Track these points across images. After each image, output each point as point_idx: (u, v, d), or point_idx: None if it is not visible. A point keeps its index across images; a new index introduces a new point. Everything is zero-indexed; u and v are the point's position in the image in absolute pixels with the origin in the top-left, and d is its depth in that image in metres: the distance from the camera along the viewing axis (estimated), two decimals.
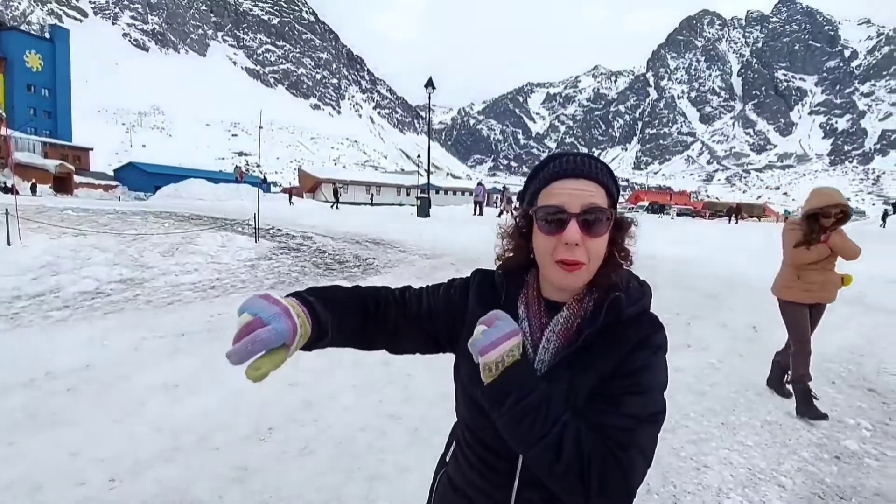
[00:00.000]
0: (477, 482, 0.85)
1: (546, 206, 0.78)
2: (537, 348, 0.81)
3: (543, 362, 0.80)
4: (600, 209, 0.77)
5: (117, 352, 3.96)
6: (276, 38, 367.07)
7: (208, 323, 4.78)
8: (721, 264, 9.46)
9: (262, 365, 0.63)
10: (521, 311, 0.85)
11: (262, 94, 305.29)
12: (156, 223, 10.08)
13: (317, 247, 9.52)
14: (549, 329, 0.81)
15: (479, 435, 0.84)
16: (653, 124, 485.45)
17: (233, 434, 2.73)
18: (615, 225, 0.81)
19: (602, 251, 0.78)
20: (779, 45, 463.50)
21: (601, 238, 0.77)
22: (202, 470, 2.38)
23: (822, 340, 4.79)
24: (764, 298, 6.51)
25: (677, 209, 48.89)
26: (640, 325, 0.80)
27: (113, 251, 7.22)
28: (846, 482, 2.46)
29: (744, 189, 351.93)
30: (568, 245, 0.74)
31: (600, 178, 0.79)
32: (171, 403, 3.09)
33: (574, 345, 0.77)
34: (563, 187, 0.78)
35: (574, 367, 0.77)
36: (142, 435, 2.68)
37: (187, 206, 15.80)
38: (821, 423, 3.11)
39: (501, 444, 0.77)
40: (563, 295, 0.83)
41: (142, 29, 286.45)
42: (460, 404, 0.89)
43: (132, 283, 6.11)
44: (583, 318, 0.80)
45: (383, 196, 49.80)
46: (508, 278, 0.88)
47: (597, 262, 0.78)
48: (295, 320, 0.68)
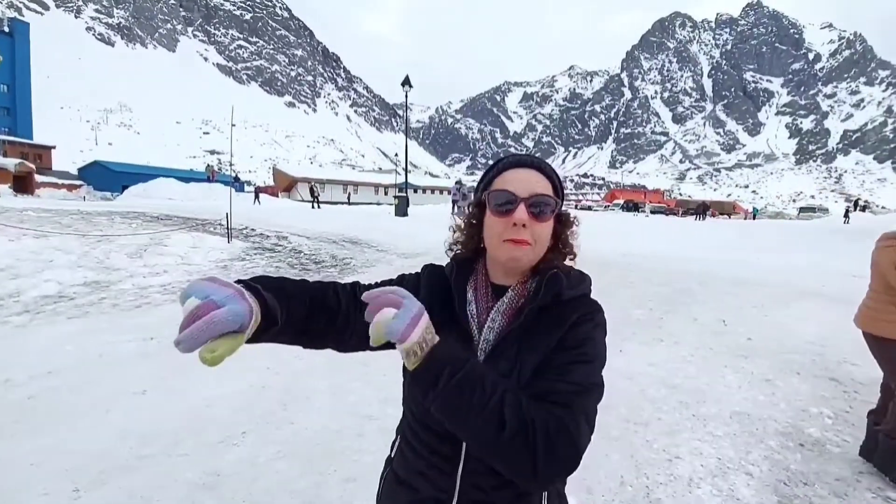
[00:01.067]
0: (423, 469, 0.85)
1: (498, 190, 0.83)
2: (482, 329, 0.84)
3: (488, 342, 0.83)
4: (547, 196, 0.83)
5: (81, 357, 3.81)
6: (249, 34, 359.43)
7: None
8: (692, 260, 9.71)
9: (218, 346, 0.57)
10: (470, 295, 0.88)
11: (235, 92, 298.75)
12: (123, 224, 9.73)
13: (292, 247, 9.36)
14: (495, 310, 0.84)
15: (423, 419, 0.83)
16: (627, 124, 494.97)
17: (203, 439, 2.66)
18: (559, 219, 0.88)
19: (546, 236, 0.84)
20: (747, 48, 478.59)
21: (546, 223, 0.83)
22: (170, 477, 2.31)
23: (786, 332, 4.98)
24: (732, 292, 6.73)
25: (651, 207, 49.94)
26: (580, 305, 0.84)
27: (77, 253, 6.94)
28: (810, 468, 2.55)
29: (714, 187, 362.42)
30: (516, 226, 0.80)
31: (548, 171, 0.87)
32: (138, 409, 2.99)
33: (518, 321, 0.80)
34: (515, 176, 0.84)
35: (518, 345, 0.80)
36: (107, 442, 2.58)
37: (157, 207, 15.33)
38: (786, 412, 3.22)
39: (445, 427, 0.74)
40: (509, 279, 0.87)
41: (107, 23, 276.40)
42: (406, 394, 0.89)
43: (97, 286, 5.88)
44: (526, 298, 0.84)
45: (361, 195, 49.37)
46: (458, 266, 0.91)
47: (541, 247, 0.84)
48: (250, 302, 0.63)
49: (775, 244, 14.24)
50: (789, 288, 7.05)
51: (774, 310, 5.87)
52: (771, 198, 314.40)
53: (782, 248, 13.09)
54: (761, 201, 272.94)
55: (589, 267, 0.94)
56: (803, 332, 4.95)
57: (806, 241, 15.82)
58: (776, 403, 3.34)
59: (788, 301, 6.27)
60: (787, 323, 5.33)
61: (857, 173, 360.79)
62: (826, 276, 8.20)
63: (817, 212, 50.95)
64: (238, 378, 3.47)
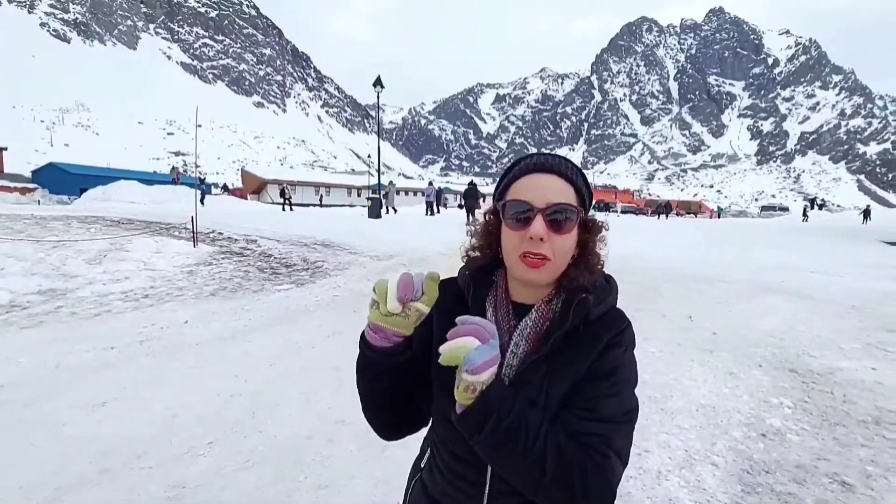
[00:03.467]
0: (449, 492, 0.84)
1: (513, 200, 0.78)
2: (505, 353, 0.79)
3: (511, 367, 0.79)
4: (567, 206, 0.76)
5: (36, 369, 3.63)
6: (215, 31, 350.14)
7: (140, 334, 4.47)
8: (660, 258, 9.99)
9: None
10: (490, 314, 0.83)
11: (201, 91, 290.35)
12: (80, 228, 9.30)
13: (262, 250, 9.15)
14: (518, 333, 0.80)
15: (450, 446, 0.82)
16: (598, 125, 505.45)
17: (168, 451, 2.56)
18: (584, 227, 0.81)
19: (568, 249, 0.78)
20: (710, 52, 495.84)
21: (567, 236, 0.77)
22: (133, 492, 2.22)
23: (748, 327, 5.16)
24: (698, 289, 6.94)
25: (622, 207, 51.14)
26: (608, 324, 0.80)
27: (30, 260, 6.59)
28: (771, 457, 2.65)
29: (682, 187, 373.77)
30: (533, 240, 0.74)
31: (570, 175, 0.79)
32: (97, 422, 2.86)
33: (543, 349, 0.76)
34: (532, 182, 0.78)
35: (544, 372, 0.76)
36: (64, 458, 2.46)
37: (118, 210, 14.72)
38: (749, 403, 3.34)
39: (472, 455, 0.75)
40: (532, 297, 0.82)
41: (62, 18, 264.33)
42: (433, 418, 0.88)
43: (53, 294, 5.61)
44: (551, 322, 0.79)
45: (333, 197, 48.69)
46: (475, 279, 0.85)
47: (562, 260, 0.78)
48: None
49: (739, 241, 14.81)
50: (751, 284, 7.32)
51: (737, 305, 6.09)
52: (734, 197, 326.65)
53: (745, 246, 13.62)
54: (725, 200, 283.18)
55: None
56: (764, 326, 5.15)
57: (767, 238, 16.50)
58: (739, 395, 3.46)
59: (751, 296, 6.51)
60: (750, 317, 5.53)
61: (814, 173, 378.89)
62: (785, 272, 8.56)
63: (778, 210, 53.28)
64: (204, 387, 3.37)
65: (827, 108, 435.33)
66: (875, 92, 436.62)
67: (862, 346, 4.50)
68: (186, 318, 5.06)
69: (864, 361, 4.11)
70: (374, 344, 0.78)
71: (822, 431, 2.93)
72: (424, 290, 0.75)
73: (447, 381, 0.75)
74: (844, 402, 3.35)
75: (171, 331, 4.64)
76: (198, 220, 8.92)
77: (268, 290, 6.45)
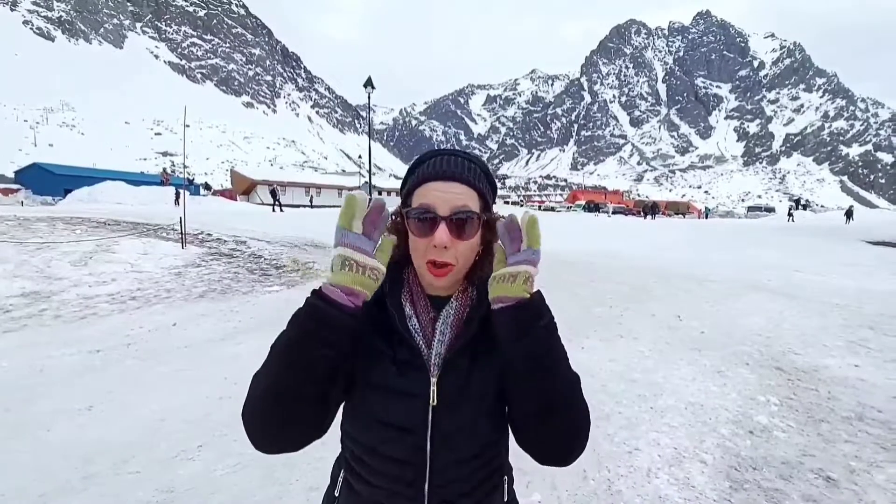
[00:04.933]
0: (382, 499, 0.80)
1: (417, 207, 0.79)
2: (431, 343, 0.80)
3: (440, 355, 0.79)
4: (469, 212, 0.77)
5: (19, 373, 3.56)
6: (203, 31, 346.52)
7: (127, 337, 4.41)
8: (649, 258, 10.08)
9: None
10: (408, 309, 0.83)
11: (189, 91, 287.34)
12: (65, 230, 9.14)
13: (251, 252, 9.07)
14: (441, 321, 0.81)
15: (381, 450, 0.78)
16: (588, 126, 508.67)
17: (156, 455, 2.53)
18: (487, 227, 0.82)
19: (471, 252, 0.80)
20: (697, 55, 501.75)
21: (471, 241, 0.79)
22: (119, 497, 2.18)
23: (735, 325, 5.23)
24: (686, 288, 7.02)
25: (613, 207, 51.55)
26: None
27: (13, 262, 6.47)
28: (758, 454, 2.69)
29: (670, 188, 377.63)
30: (437, 247, 0.76)
31: (471, 181, 0.80)
32: (82, 426, 2.81)
33: (470, 332, 0.79)
34: (434, 189, 0.78)
35: (469, 357, 0.79)
36: (48, 463, 2.42)
37: (104, 211, 14.51)
38: (736, 401, 3.39)
39: (410, 451, 0.76)
40: (445, 290, 0.84)
41: (46, 16, 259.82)
42: (357, 426, 0.81)
43: (37, 297, 5.51)
44: (470, 307, 0.83)
45: (324, 198, 48.41)
46: (389, 277, 0.81)
47: (466, 263, 0.81)
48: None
49: (726, 241, 14.99)
50: (738, 283, 7.42)
51: (725, 304, 6.17)
52: (721, 198, 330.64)
53: (732, 246, 13.80)
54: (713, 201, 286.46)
55: (552, 266, 0.94)
56: (751, 325, 5.23)
57: (753, 238, 16.72)
58: (727, 393, 3.50)
59: (737, 295, 6.60)
60: (737, 316, 5.61)
61: (799, 174, 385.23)
62: (771, 271, 8.69)
63: (764, 211, 54.09)
64: (193, 390, 3.33)
65: (811, 110, 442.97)
66: (857, 94, 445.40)
67: (845, 344, 4.59)
68: (174, 320, 5.00)
69: (847, 358, 4.19)
70: (342, 302, 0.71)
71: (807, 428, 2.98)
72: (382, 247, 0.76)
73: (380, 381, 0.77)
74: (829, 398, 3.41)
75: (159, 333, 4.58)
76: (186, 222, 8.82)
77: (258, 291, 6.40)
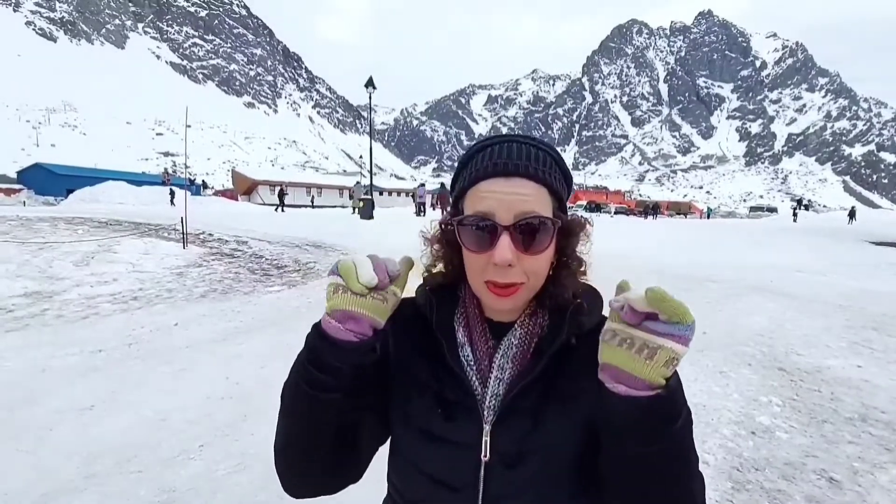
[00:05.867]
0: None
1: (470, 215, 0.62)
2: (486, 381, 0.65)
3: (498, 396, 0.64)
4: (540, 218, 0.60)
5: (21, 373, 3.56)
6: (205, 31, 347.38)
7: (129, 337, 4.41)
8: (650, 258, 10.07)
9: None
10: (461, 336, 0.68)
11: (190, 91, 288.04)
12: (67, 230, 9.16)
13: (253, 252, 9.08)
14: (501, 354, 0.65)
15: (441, 477, 0.65)
16: (589, 127, 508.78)
17: (157, 455, 2.53)
18: (564, 231, 0.65)
19: (544, 268, 0.64)
20: (699, 55, 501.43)
21: (543, 255, 0.62)
22: (122, 496, 2.18)
23: (737, 326, 5.22)
24: (688, 288, 7.00)
25: (616, 208, 51.68)
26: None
27: (15, 262, 6.48)
28: (760, 454, 2.68)
29: (672, 188, 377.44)
30: (499, 265, 0.59)
31: (541, 175, 0.62)
32: (85, 426, 2.81)
33: (534, 371, 0.62)
34: (492, 189, 0.61)
35: (536, 398, 0.63)
36: (51, 462, 2.42)
37: (105, 212, 14.55)
38: (738, 401, 3.38)
39: (463, 479, 0.63)
40: (508, 314, 0.68)
41: (48, 17, 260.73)
42: (398, 474, 0.71)
43: (39, 297, 5.52)
44: (540, 337, 0.66)
45: (325, 198, 48.49)
46: (437, 295, 0.70)
47: (538, 280, 0.64)
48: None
49: (727, 241, 14.97)
50: (740, 283, 7.40)
51: (727, 304, 6.15)
52: (723, 198, 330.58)
53: (733, 246, 13.78)
54: (714, 201, 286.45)
55: None
56: (753, 325, 5.21)
57: (755, 238, 16.69)
58: (729, 394, 3.49)
59: (739, 296, 6.59)
60: (739, 317, 5.59)
61: (801, 174, 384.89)
62: (773, 272, 8.67)
63: (766, 211, 54.18)
64: (195, 389, 3.33)
65: (813, 109, 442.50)
66: (860, 94, 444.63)
67: (848, 345, 4.57)
68: (176, 320, 5.00)
69: (850, 359, 4.18)
70: (338, 337, 0.59)
71: (810, 429, 2.97)
72: (400, 271, 0.63)
73: (422, 424, 0.65)
74: (832, 399, 3.39)
75: (161, 333, 4.59)
76: (187, 222, 8.83)
77: (259, 291, 6.40)
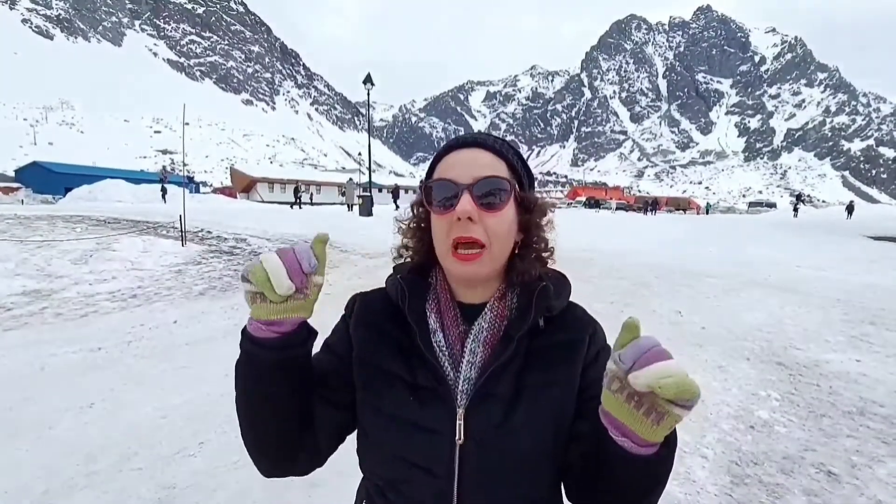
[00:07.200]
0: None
1: (436, 180, 0.67)
2: (459, 364, 0.66)
3: (470, 380, 0.65)
4: (496, 178, 0.65)
5: (20, 371, 3.56)
6: (202, 28, 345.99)
7: (128, 335, 4.41)
8: (649, 254, 10.07)
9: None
10: (433, 322, 0.69)
11: (188, 88, 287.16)
12: (66, 228, 9.15)
13: (251, 249, 9.07)
14: (472, 339, 0.67)
15: (405, 489, 0.67)
16: (588, 123, 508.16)
17: (157, 452, 2.53)
18: (524, 206, 0.70)
19: (506, 232, 0.67)
20: (698, 50, 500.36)
21: (500, 213, 0.65)
22: (122, 494, 2.19)
23: (736, 321, 5.23)
24: (687, 284, 7.01)
25: (616, 204, 51.73)
26: (578, 320, 0.71)
27: (14, 260, 6.47)
28: (759, 448, 2.69)
29: (671, 184, 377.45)
30: (461, 221, 0.63)
31: (498, 148, 0.69)
32: (84, 424, 2.81)
33: (505, 354, 0.64)
34: (456, 159, 0.67)
35: (511, 381, 0.65)
36: (51, 460, 2.42)
37: (104, 210, 14.52)
38: (737, 396, 3.38)
39: (433, 498, 0.64)
40: (479, 296, 0.70)
41: (45, 14, 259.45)
42: (373, 459, 0.71)
43: (38, 295, 5.51)
44: (509, 321, 0.68)
45: (324, 195, 48.42)
46: (408, 283, 0.71)
47: (501, 246, 0.67)
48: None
49: (726, 237, 14.98)
50: (739, 278, 7.41)
51: (726, 299, 6.16)
52: (722, 193, 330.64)
53: (732, 241, 13.79)
54: (714, 197, 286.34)
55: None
56: (752, 320, 5.22)
57: (754, 233, 16.70)
58: (728, 388, 3.50)
59: (738, 291, 6.59)
60: (738, 312, 5.60)
61: (800, 169, 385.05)
62: (772, 267, 8.67)
63: (765, 206, 54.29)
64: (194, 387, 3.33)
65: (812, 105, 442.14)
66: (859, 89, 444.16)
67: (846, 339, 4.58)
68: (175, 317, 5.00)
69: (848, 354, 4.19)
70: (261, 336, 0.61)
71: (808, 423, 2.98)
72: (317, 256, 0.62)
73: (394, 412, 0.65)
74: (830, 393, 3.40)
75: (160, 331, 4.59)
76: (185, 219, 8.82)
77: None
